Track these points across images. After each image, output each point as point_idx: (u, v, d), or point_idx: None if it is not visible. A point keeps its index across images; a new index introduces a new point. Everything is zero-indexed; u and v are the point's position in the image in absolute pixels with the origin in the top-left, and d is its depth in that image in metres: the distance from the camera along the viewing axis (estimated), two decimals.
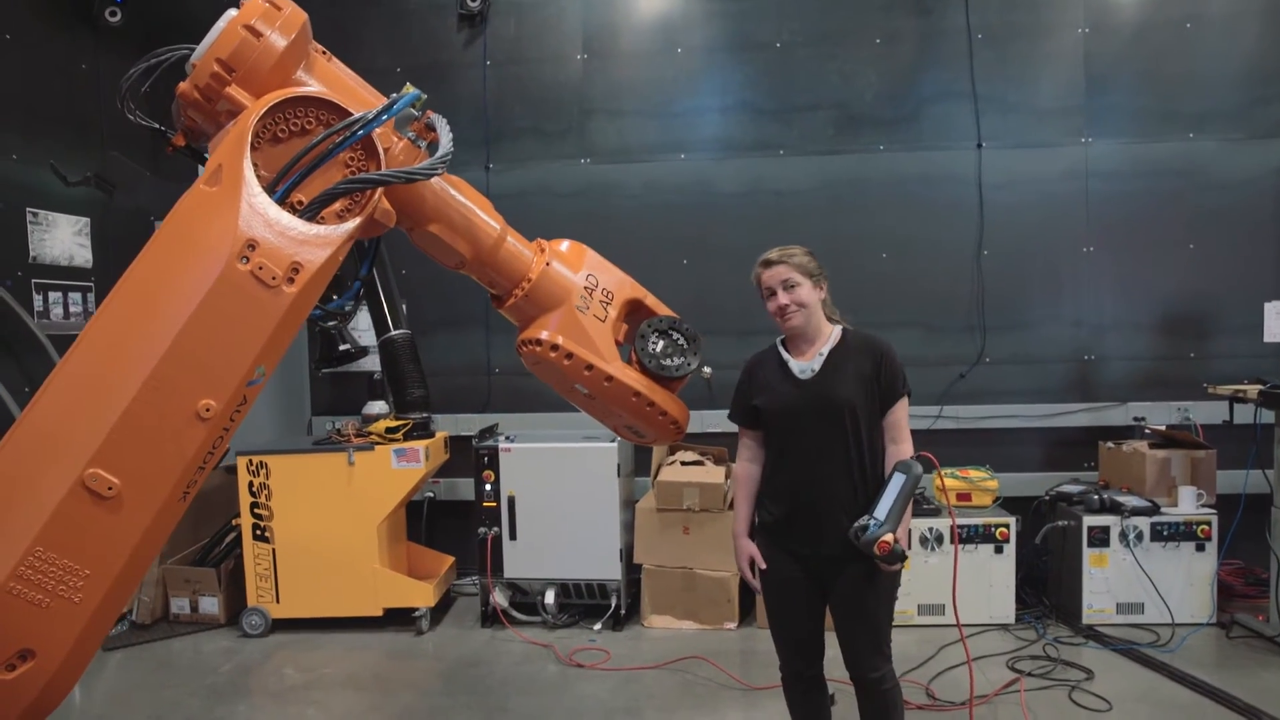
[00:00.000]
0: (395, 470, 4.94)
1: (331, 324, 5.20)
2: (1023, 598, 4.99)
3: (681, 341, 2.19)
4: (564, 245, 2.18)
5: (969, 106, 5.50)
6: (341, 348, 5.22)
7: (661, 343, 2.17)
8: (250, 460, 4.98)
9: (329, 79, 1.90)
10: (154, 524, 1.63)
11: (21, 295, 4.95)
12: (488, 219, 2.07)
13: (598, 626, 5.02)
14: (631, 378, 2.12)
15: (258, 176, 1.70)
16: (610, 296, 2.15)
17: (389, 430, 5.05)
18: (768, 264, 2.88)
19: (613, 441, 5.00)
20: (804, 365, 2.86)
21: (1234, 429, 4.92)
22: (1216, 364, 5.34)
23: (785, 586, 2.92)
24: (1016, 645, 4.58)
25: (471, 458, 5.15)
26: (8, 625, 1.53)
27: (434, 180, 1.99)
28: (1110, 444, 5.22)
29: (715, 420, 5.60)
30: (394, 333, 5.08)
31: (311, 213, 1.74)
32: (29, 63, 5.16)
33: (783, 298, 2.84)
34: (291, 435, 6.03)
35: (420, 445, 4.98)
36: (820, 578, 2.87)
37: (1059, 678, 4.17)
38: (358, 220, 1.78)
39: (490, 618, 5.12)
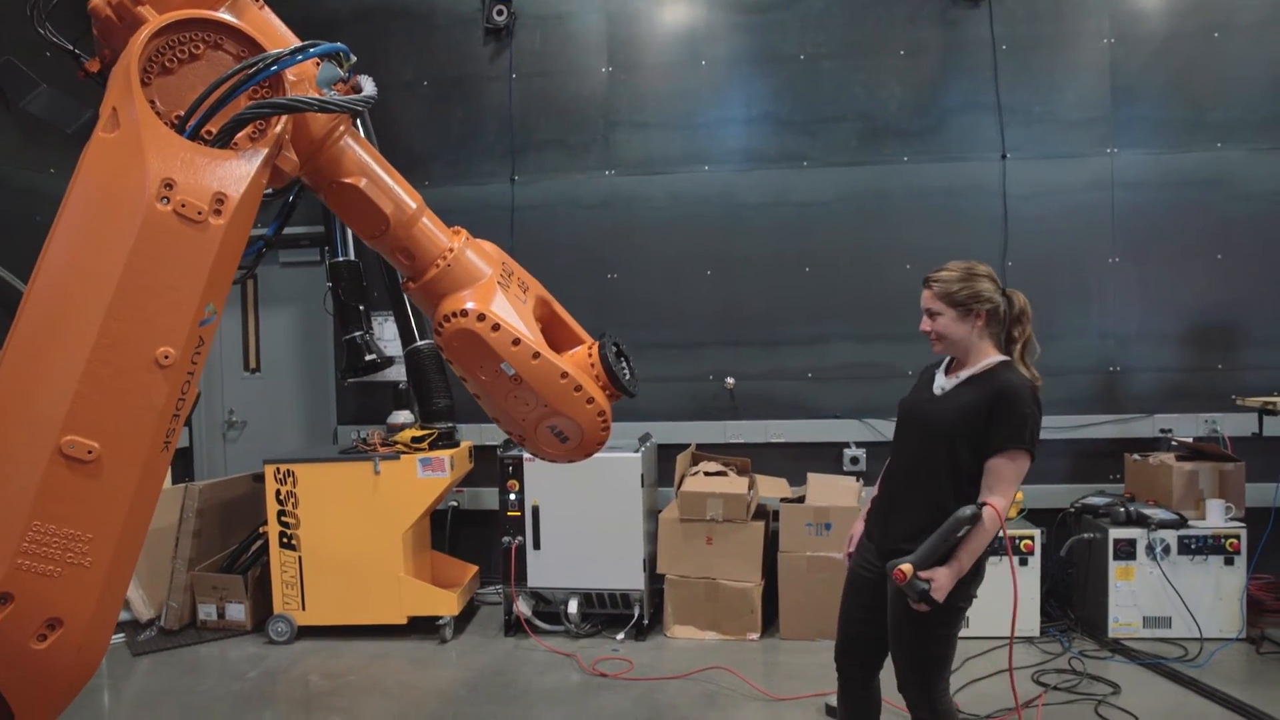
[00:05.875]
0: (420, 479, 4.98)
1: (358, 334, 5.26)
2: (1048, 611, 4.96)
3: (626, 367, 2.15)
4: (482, 242, 2.12)
5: (993, 118, 5.48)
6: (368, 358, 5.29)
7: (613, 354, 2.13)
8: (278, 469, 5.02)
9: (256, 25, 1.82)
10: (143, 477, 1.64)
11: None
12: (406, 193, 2.01)
13: (620, 636, 5.03)
14: (558, 356, 2.01)
15: (156, 112, 1.65)
16: (526, 287, 2.09)
17: (414, 440, 5.09)
18: (924, 283, 2.78)
19: (636, 451, 5.02)
20: (943, 383, 2.81)
21: (1263, 441, 4.88)
22: (1245, 375, 5.29)
23: (853, 573, 2.95)
24: (1041, 658, 4.55)
25: (496, 467, 5.18)
26: (27, 599, 1.55)
27: (354, 143, 1.93)
28: (1136, 456, 5.17)
29: (738, 430, 5.62)
30: (420, 343, 5.12)
31: (222, 142, 1.69)
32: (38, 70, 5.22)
33: (925, 324, 2.78)
34: (318, 444, 6.09)
35: (445, 455, 5.01)
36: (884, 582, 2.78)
37: (1085, 691, 4.14)
38: (267, 148, 1.72)
39: (514, 627, 5.14)
